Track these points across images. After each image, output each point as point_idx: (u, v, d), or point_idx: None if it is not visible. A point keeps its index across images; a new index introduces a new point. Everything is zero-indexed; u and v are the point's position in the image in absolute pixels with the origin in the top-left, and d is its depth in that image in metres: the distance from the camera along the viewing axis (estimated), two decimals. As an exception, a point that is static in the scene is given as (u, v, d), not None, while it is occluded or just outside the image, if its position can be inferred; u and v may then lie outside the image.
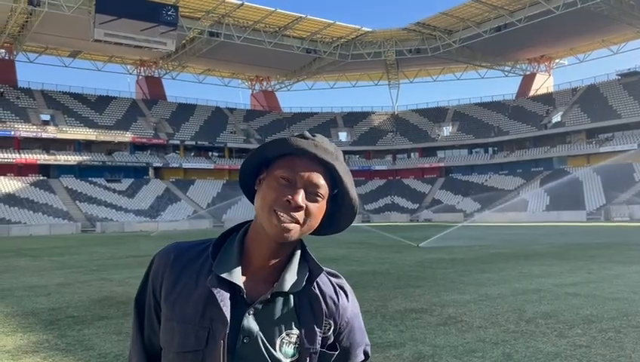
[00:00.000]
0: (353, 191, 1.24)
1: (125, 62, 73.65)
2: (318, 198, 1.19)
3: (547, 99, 71.18)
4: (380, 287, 10.66)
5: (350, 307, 1.29)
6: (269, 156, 1.21)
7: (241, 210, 60.36)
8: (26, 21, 55.58)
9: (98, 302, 9.60)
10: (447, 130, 75.87)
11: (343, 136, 78.59)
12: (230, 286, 1.15)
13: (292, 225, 1.15)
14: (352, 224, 1.34)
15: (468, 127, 73.31)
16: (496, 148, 70.81)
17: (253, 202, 1.26)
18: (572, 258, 15.82)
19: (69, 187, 56.80)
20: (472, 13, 58.73)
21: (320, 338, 1.21)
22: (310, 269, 1.25)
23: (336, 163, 1.19)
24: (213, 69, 77.79)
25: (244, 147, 72.04)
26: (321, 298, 1.23)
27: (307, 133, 1.22)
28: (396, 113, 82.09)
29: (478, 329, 6.82)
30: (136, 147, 65.46)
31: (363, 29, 65.52)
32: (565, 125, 64.59)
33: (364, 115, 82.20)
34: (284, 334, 1.16)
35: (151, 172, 64.90)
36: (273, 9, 57.51)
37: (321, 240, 27.89)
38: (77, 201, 54.88)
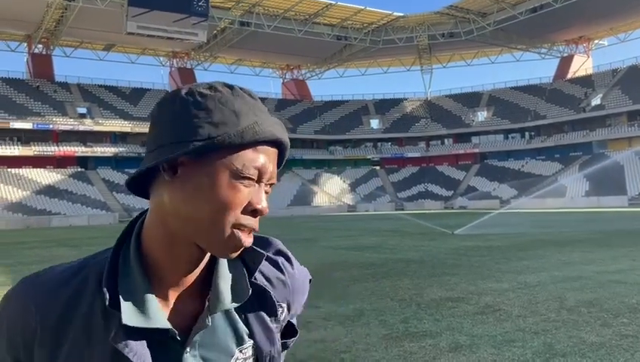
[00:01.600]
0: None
1: (158, 54, 74.53)
2: (270, 190, 0.88)
3: (586, 81, 69.12)
4: (415, 275, 10.51)
5: (297, 273, 1.01)
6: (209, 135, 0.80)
7: (274, 199, 60.67)
8: (62, 16, 56.68)
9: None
10: (481, 115, 74.51)
11: (374, 123, 78.03)
12: (148, 332, 0.79)
13: (251, 237, 0.84)
14: (386, 212, 1.06)
15: (503, 112, 71.86)
16: (533, 133, 69.22)
17: (142, 194, 0.90)
18: (615, 244, 15.33)
19: (106, 178, 58.03)
20: (506, -6, 57.29)
21: (279, 334, 0.94)
22: (245, 262, 0.92)
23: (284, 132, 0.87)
24: (244, 59, 78.09)
25: (276, 136, 72.13)
26: (270, 289, 0.93)
27: (241, 94, 0.86)
28: (429, 99, 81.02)
29: (517, 319, 6.63)
30: (170, 139, 66.14)
31: (394, 14, 64.68)
32: (605, 108, 62.62)
33: (396, 102, 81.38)
34: (236, 354, 0.86)
35: (185, 162, 65.61)
36: (303, -4, 57.25)
37: (354, 228, 27.83)
38: (114, 192, 56.04)
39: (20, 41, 65.70)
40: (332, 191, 66.69)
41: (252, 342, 0.88)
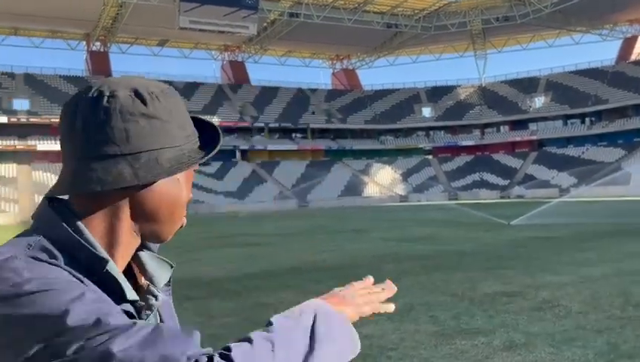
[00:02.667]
0: None
1: (210, 48, 75.68)
2: None
3: (652, 62, 65.59)
4: (468, 269, 10.16)
5: None
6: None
7: (324, 190, 60.74)
8: (117, 13, 58.36)
9: (186, 283, 9.81)
10: (539, 100, 71.98)
11: (426, 111, 76.73)
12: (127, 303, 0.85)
13: None
14: (439, 202, 1.05)
15: (562, 97, 69.16)
16: (594, 119, 66.31)
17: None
18: (685, 235, 14.41)
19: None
20: (565, -27, 54.94)
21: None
22: (148, 248, 0.97)
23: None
24: (294, 50, 78.27)
25: (326, 127, 72.31)
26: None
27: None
28: (484, 85, 78.91)
29: (577, 315, 6.24)
30: (223, 131, 65.32)
31: (446, -2, 63.21)
32: (673, 90, 59.29)
33: (449, 89, 79.69)
34: (152, 320, 0.93)
35: (238, 155, 66.66)
36: (352, -15, 56.76)
37: (406, 218, 27.42)
38: (170, 185, 57.42)
39: (79, 39, 68.16)
40: (383, 181, 66.12)
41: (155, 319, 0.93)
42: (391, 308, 1.04)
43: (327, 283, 8.79)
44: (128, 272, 0.92)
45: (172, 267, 0.99)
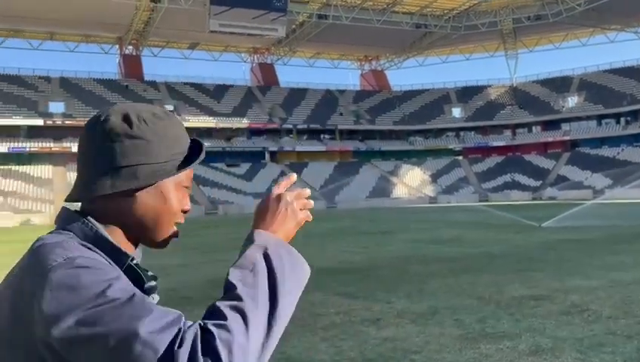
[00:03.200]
0: None
1: (239, 50, 76.37)
2: None
3: (691, 60, 63.61)
4: (496, 271, 10.03)
5: None
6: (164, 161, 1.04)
7: (353, 191, 60.65)
8: (149, 18, 59.42)
9: (211, 283, 9.92)
10: (572, 100, 70.52)
11: (456, 112, 75.95)
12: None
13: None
14: (469, 203, 1.09)
15: (596, 97, 67.60)
16: (629, 118, 64.60)
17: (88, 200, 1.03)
18: None
19: (194, 172, 60.11)
20: (599, -30, 53.75)
21: None
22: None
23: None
24: (323, 52, 78.40)
25: (354, 128, 72.26)
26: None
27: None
28: (515, 85, 77.72)
29: (607, 320, 6.11)
30: (252, 132, 67.95)
31: (476, -2, 62.45)
32: None
33: (480, 89, 78.72)
34: None
35: (267, 156, 67.09)
36: (381, -14, 56.61)
37: (435, 220, 27.19)
38: (201, 186, 58.17)
39: (112, 43, 69.56)
40: (412, 182, 65.68)
41: None
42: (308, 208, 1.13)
43: (356, 284, 8.83)
44: None
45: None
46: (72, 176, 53.23)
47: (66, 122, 57.43)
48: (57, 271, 0.86)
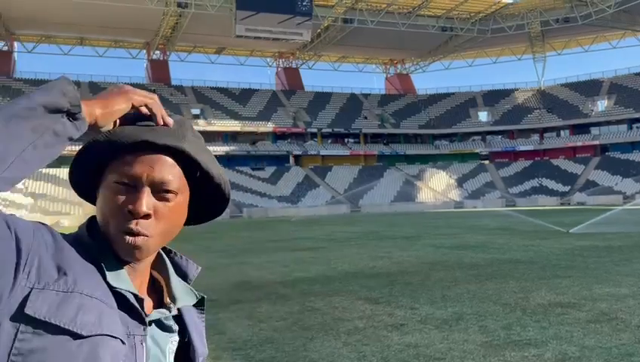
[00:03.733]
0: (216, 171, 1.00)
1: (265, 55, 76.93)
2: (170, 196, 0.94)
3: None
4: (522, 278, 9.89)
5: None
6: (99, 160, 0.95)
7: (377, 195, 60.47)
8: (176, 23, 60.29)
9: (235, 286, 10.01)
10: (602, 104, 69.22)
11: (483, 116, 75.20)
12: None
13: (140, 240, 0.91)
14: (495, 209, 1.03)
15: (627, 100, 66.24)
16: (662, 122, 63.23)
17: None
18: None
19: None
20: (630, -28, 52.75)
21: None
22: (184, 269, 1.07)
23: (185, 143, 0.94)
24: (348, 56, 78.45)
25: (379, 132, 72.15)
26: (203, 295, 1.09)
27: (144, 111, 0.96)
28: (543, 88, 76.66)
29: (637, 329, 5.98)
30: (277, 136, 68.29)
31: (503, 0, 61.84)
32: None
33: (507, 93, 77.86)
34: (169, 344, 0.99)
35: (291, 160, 67.35)
36: (406, -11, 56.48)
37: (459, 225, 26.94)
38: (225, 189, 58.61)
39: (140, 48, 70.74)
40: (437, 186, 65.20)
41: (178, 338, 1.01)
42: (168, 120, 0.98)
43: (381, 290, 8.82)
44: (154, 288, 1.03)
45: (200, 298, 1.06)
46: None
47: (95, 126, 58.42)
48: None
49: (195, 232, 28.40)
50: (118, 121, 0.95)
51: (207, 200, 1.03)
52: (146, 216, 0.91)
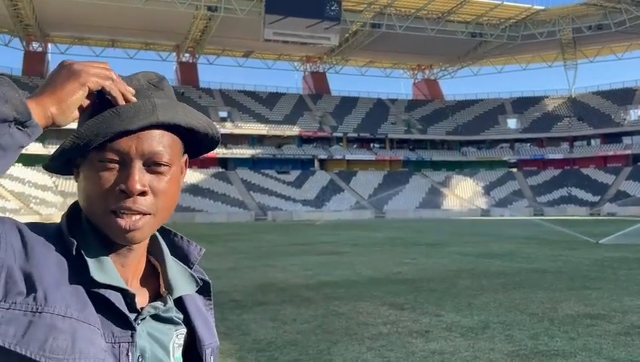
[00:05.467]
0: (198, 123, 0.90)
1: (292, 59, 77.29)
2: (164, 169, 0.87)
3: None
4: (550, 288, 9.74)
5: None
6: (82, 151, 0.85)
7: (402, 201, 60.14)
8: (206, 26, 61.00)
9: (260, 288, 10.07)
10: (635, 113, 67.76)
11: (512, 123, 74.28)
12: (109, 288, 0.86)
13: (141, 220, 0.84)
14: (523, 217, 0.97)
15: (661, 109, 64.76)
16: (697, 133, 61.62)
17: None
18: None
19: (244, 178, 61.33)
20: (666, -22, 51.69)
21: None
22: (186, 252, 0.99)
23: (158, 114, 0.85)
24: (375, 61, 78.33)
25: (405, 138, 71.83)
26: (208, 279, 1.01)
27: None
28: (573, 96, 75.42)
29: (669, 343, 5.84)
30: (302, 140, 68.51)
31: (535, 7, 61.19)
32: None
33: (537, 100, 76.80)
34: (174, 337, 0.91)
35: (316, 164, 67.47)
36: (436, -6, 56.26)
37: (486, 233, 26.66)
38: (251, 192, 59.06)
39: (170, 51, 71.75)
40: (464, 194, 64.56)
41: (185, 328, 0.93)
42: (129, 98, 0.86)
43: (405, 296, 8.79)
44: (154, 275, 0.95)
45: (200, 284, 0.97)
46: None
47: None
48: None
49: (221, 233, 28.69)
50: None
51: (198, 143, 0.95)
52: (142, 194, 0.84)
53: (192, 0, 53.11)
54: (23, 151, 0.78)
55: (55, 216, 43.81)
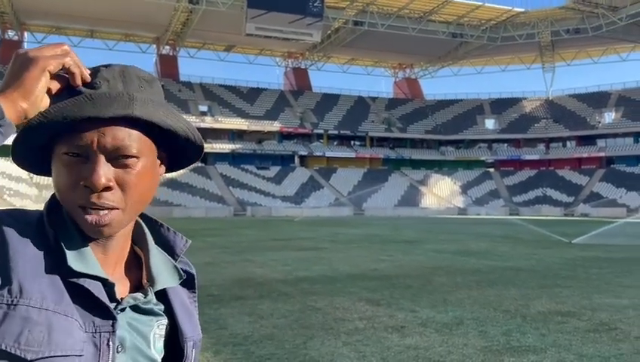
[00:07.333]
0: (178, 125, 0.86)
1: (274, 54, 77.04)
2: (131, 161, 0.82)
3: None
4: (523, 285, 9.92)
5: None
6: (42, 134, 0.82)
7: (381, 199, 60.45)
8: (187, 19, 60.46)
9: (238, 282, 10.07)
10: (609, 116, 69.09)
11: (490, 123, 75.14)
12: (88, 277, 0.83)
13: (107, 216, 0.81)
14: (499, 217, 0.94)
15: (634, 113, 66.05)
16: (669, 137, 63.03)
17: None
18: None
19: (224, 173, 60.99)
20: (642, -15, 52.68)
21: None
22: (172, 244, 0.98)
23: (135, 107, 0.81)
24: (357, 58, 78.50)
25: (385, 136, 72.14)
26: (194, 273, 1.00)
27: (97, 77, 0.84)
28: (550, 98, 76.55)
29: (636, 340, 6.01)
30: (283, 136, 68.36)
31: (515, 9, 61.90)
32: None
33: (514, 101, 77.80)
34: (155, 328, 0.90)
35: (296, 160, 67.42)
36: (418, -6, 56.62)
37: (462, 232, 26.97)
38: (230, 187, 58.77)
39: (150, 43, 70.93)
40: (442, 192, 65.15)
41: (166, 319, 0.92)
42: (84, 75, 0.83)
43: (382, 292, 8.86)
44: (138, 264, 0.93)
45: (184, 277, 0.96)
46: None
47: (103, 119, 58.57)
48: None
49: (199, 228, 28.53)
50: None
51: (179, 151, 0.92)
52: (107, 189, 0.80)
53: (174, -8, 52.63)
54: None
55: (29, 207, 42.88)
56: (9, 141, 0.77)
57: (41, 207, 0.86)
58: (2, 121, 0.74)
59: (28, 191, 48.19)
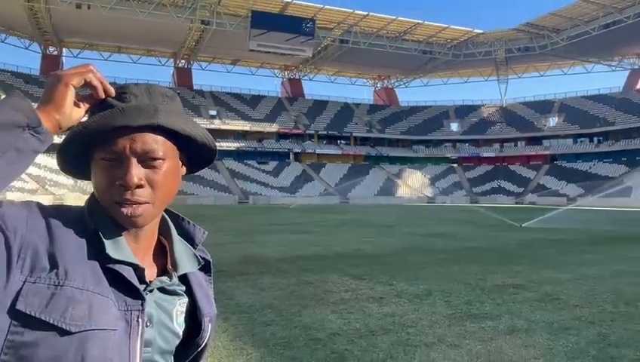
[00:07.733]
0: (196, 132, 0.87)
1: (273, 67, 76.57)
2: (158, 163, 0.83)
3: (657, 90, 62.02)
4: (482, 262, 9.97)
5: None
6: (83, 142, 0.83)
7: (363, 189, 60.52)
8: (200, 37, 59.88)
9: (242, 260, 10.04)
10: (553, 120, 69.47)
11: (454, 126, 75.33)
12: (122, 264, 0.84)
13: (140, 209, 0.82)
14: (462, 204, 0.91)
15: (574, 118, 66.53)
16: (601, 138, 63.47)
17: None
18: (679, 244, 13.65)
19: (230, 167, 60.71)
20: (580, 12, 52.83)
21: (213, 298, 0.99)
22: (192, 234, 0.98)
23: (159, 117, 0.82)
24: (343, 71, 78.23)
25: (366, 136, 72.13)
26: (209, 258, 1.01)
27: (126, 90, 0.85)
28: (504, 105, 76.79)
29: (574, 308, 6.06)
30: (280, 136, 68.11)
31: (475, 30, 61.94)
32: (677, 115, 55.90)
33: (475, 108, 77.96)
34: (177, 306, 0.90)
35: (291, 156, 67.23)
36: (394, 17, 56.44)
37: (432, 217, 27.05)
38: (235, 179, 58.54)
39: (168, 57, 70.23)
40: (414, 184, 65.33)
41: (186, 298, 0.92)
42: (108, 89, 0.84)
43: (364, 268, 8.85)
44: (163, 252, 0.93)
45: (202, 263, 0.96)
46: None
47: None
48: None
49: (209, 214, 28.38)
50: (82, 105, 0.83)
51: (197, 154, 0.92)
52: (139, 186, 0.82)
53: (189, 14, 52.08)
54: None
55: (66, 195, 42.66)
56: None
57: (75, 193, 0.89)
58: (40, 129, 0.75)
59: (65, 181, 47.70)
